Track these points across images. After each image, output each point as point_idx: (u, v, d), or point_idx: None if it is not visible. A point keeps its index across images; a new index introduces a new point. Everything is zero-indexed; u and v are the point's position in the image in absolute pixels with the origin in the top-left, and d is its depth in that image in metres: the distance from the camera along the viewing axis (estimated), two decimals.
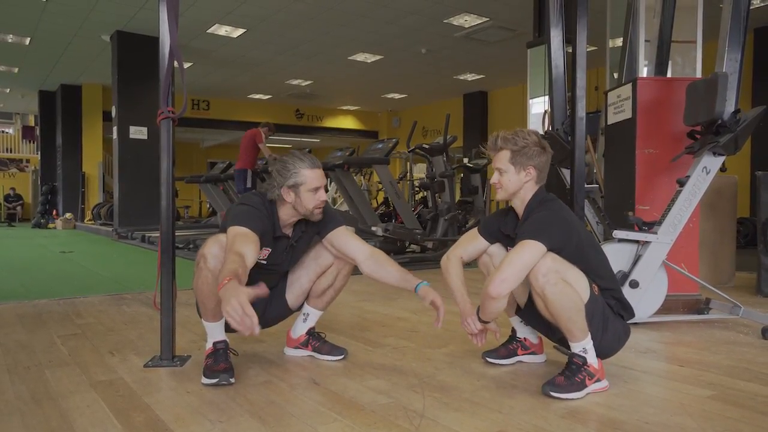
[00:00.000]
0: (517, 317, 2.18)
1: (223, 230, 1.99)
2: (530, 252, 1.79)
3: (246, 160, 7.58)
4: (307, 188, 2.01)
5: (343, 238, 2.15)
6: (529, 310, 2.04)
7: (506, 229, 2.07)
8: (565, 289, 1.79)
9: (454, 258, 2.11)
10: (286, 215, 2.08)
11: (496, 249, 2.11)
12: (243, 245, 1.82)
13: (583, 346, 1.85)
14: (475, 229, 2.17)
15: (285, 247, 2.12)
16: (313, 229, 2.17)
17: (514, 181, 1.96)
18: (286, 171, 2.01)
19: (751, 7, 2.88)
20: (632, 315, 2.01)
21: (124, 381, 1.98)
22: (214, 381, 1.92)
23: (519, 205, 2.00)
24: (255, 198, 2.08)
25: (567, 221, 1.90)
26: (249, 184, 7.45)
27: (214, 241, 1.94)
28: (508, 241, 2.07)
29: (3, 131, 18.77)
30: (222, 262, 1.88)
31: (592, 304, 1.85)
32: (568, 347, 1.93)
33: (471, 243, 2.14)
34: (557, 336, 2.01)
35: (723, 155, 2.75)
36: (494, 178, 2.00)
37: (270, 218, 2.05)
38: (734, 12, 2.75)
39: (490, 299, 1.83)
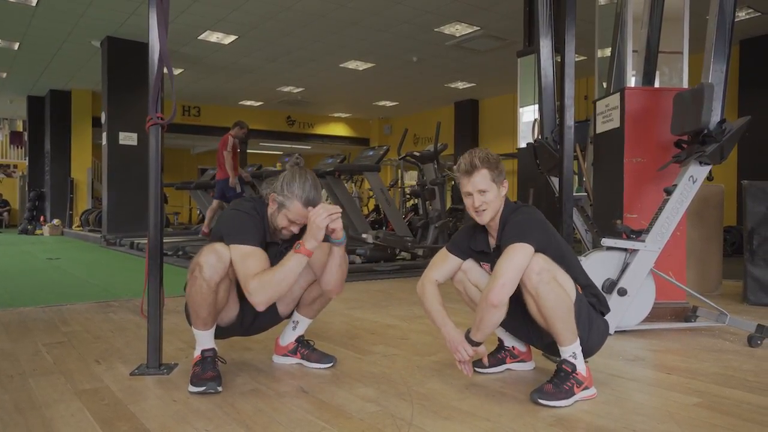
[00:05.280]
0: (500, 327, 2.18)
1: (217, 237, 1.98)
2: (521, 254, 1.81)
3: (226, 169, 7.27)
4: (286, 214, 2.00)
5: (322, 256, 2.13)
6: (510, 317, 2.04)
7: (477, 246, 2.07)
8: (557, 288, 1.81)
9: (429, 283, 2.08)
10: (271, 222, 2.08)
11: (470, 264, 2.11)
12: (260, 263, 1.91)
13: (573, 350, 1.86)
14: (444, 249, 2.15)
15: (275, 254, 2.11)
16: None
17: (497, 200, 1.95)
18: (287, 186, 1.99)
19: (736, 20, 2.92)
20: (608, 309, 2.04)
21: (109, 389, 1.96)
22: (201, 389, 1.91)
23: (495, 219, 1.98)
24: (246, 204, 2.07)
25: (544, 223, 1.95)
26: (239, 190, 7.31)
27: (210, 250, 1.93)
28: (481, 257, 2.08)
29: None
30: (218, 272, 1.89)
31: (578, 304, 1.88)
32: (555, 353, 1.94)
33: (443, 264, 2.12)
34: (541, 342, 2.03)
35: (709, 164, 2.79)
36: (477, 201, 1.93)
37: (262, 224, 2.05)
38: (720, 24, 2.79)
39: (492, 308, 1.81)
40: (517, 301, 1.89)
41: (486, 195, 1.93)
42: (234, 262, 1.90)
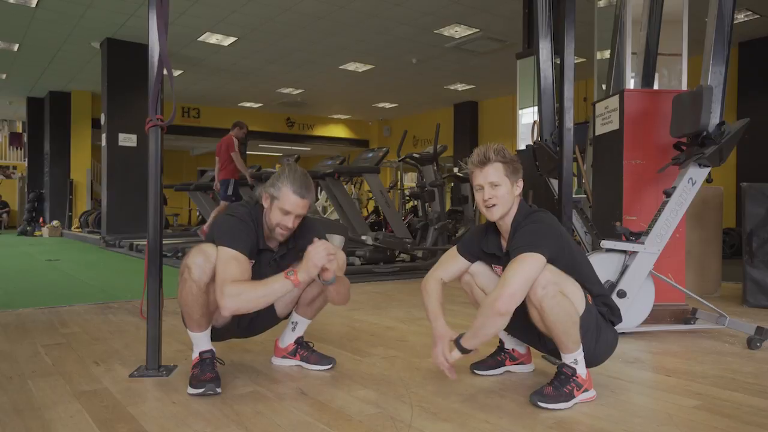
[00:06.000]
0: (503, 330, 2.17)
1: (210, 240, 1.98)
2: (532, 265, 1.76)
3: (227, 170, 7.28)
4: (279, 205, 1.99)
5: None
6: (515, 323, 2.03)
7: (488, 247, 2.03)
8: (563, 301, 1.78)
9: (433, 280, 2.05)
10: (267, 226, 2.07)
11: (478, 267, 2.08)
12: (241, 271, 1.88)
13: (575, 357, 1.85)
14: (455, 249, 2.11)
15: (268, 261, 2.10)
16: (300, 246, 2.14)
17: (509, 196, 1.90)
18: (276, 179, 2.02)
19: (735, 22, 2.92)
20: (620, 319, 2.01)
21: (108, 391, 1.95)
22: (200, 391, 1.90)
23: (506, 220, 1.94)
24: (241, 209, 2.07)
25: (558, 230, 1.89)
26: (230, 192, 7.30)
27: (198, 252, 1.93)
28: (492, 260, 2.05)
29: None
30: (206, 273, 1.88)
31: (587, 315, 1.85)
32: (557, 356, 1.93)
33: (451, 263, 2.09)
34: (547, 347, 2.01)
35: (708, 166, 2.79)
36: (487, 194, 1.88)
37: (255, 230, 2.04)
38: (718, 26, 2.80)
39: (498, 316, 1.76)
40: (522, 306, 1.88)
41: (498, 189, 1.88)
42: (216, 262, 1.89)
